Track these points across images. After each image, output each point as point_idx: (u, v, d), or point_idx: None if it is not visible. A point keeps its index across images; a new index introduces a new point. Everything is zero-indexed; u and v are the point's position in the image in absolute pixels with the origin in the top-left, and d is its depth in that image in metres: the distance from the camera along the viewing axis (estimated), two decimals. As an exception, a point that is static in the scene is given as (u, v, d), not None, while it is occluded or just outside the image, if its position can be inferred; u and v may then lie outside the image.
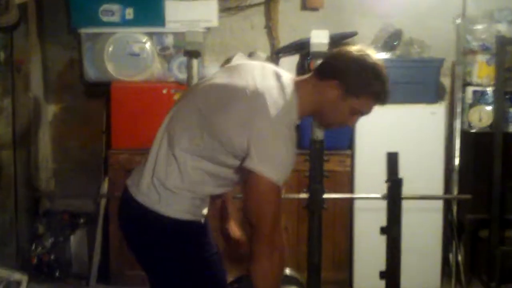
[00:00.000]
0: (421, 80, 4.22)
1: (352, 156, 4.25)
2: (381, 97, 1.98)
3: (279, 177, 1.84)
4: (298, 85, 1.98)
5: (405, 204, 2.74)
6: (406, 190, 2.78)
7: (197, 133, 1.91)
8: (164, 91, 4.26)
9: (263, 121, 1.84)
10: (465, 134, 4.40)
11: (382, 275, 2.69)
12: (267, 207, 1.86)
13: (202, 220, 2.00)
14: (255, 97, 1.88)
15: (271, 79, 1.95)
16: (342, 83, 1.93)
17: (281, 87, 1.93)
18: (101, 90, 4.43)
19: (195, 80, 3.17)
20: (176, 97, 4.15)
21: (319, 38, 2.94)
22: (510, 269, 4.19)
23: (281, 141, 1.85)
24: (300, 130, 2.31)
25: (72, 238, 4.43)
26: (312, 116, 2.07)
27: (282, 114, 1.87)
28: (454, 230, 4.34)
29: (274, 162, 1.84)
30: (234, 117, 1.87)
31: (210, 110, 1.92)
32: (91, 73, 4.36)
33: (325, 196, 3.01)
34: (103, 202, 4.35)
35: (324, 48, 2.90)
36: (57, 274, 4.38)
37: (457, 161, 4.39)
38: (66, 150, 4.72)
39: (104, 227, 4.36)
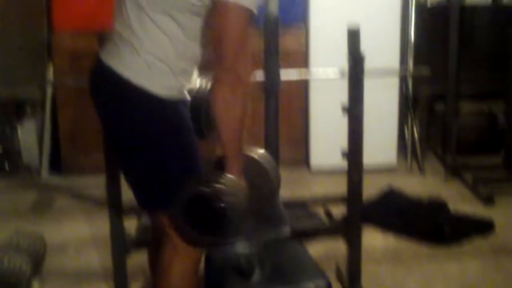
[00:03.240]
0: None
1: (306, 32, 4.18)
2: None
3: (251, 2, 1.73)
4: None
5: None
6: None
7: None
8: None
9: None
10: (421, 8, 4.34)
11: (345, 155, 2.64)
12: (235, 32, 1.74)
13: (179, 97, 1.87)
14: None
15: None
16: None
17: None
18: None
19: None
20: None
21: None
22: (464, 141, 4.24)
23: None
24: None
25: (19, 128, 4.26)
26: None
27: None
28: (409, 104, 4.33)
29: None
30: None
31: None
32: None
33: (282, 75, 2.90)
34: (49, 88, 4.16)
35: None
36: (6, 167, 4.25)
37: (412, 35, 4.34)
38: (4, 35, 4.41)
39: (53, 114, 4.19)
